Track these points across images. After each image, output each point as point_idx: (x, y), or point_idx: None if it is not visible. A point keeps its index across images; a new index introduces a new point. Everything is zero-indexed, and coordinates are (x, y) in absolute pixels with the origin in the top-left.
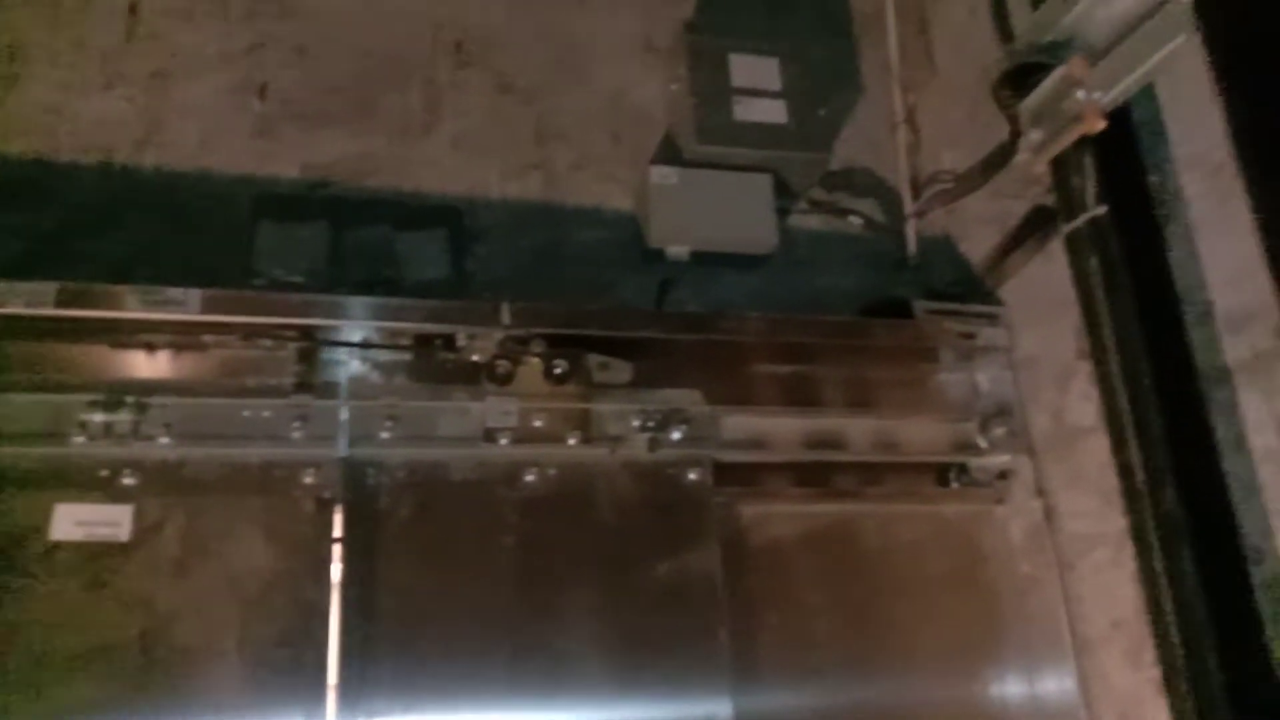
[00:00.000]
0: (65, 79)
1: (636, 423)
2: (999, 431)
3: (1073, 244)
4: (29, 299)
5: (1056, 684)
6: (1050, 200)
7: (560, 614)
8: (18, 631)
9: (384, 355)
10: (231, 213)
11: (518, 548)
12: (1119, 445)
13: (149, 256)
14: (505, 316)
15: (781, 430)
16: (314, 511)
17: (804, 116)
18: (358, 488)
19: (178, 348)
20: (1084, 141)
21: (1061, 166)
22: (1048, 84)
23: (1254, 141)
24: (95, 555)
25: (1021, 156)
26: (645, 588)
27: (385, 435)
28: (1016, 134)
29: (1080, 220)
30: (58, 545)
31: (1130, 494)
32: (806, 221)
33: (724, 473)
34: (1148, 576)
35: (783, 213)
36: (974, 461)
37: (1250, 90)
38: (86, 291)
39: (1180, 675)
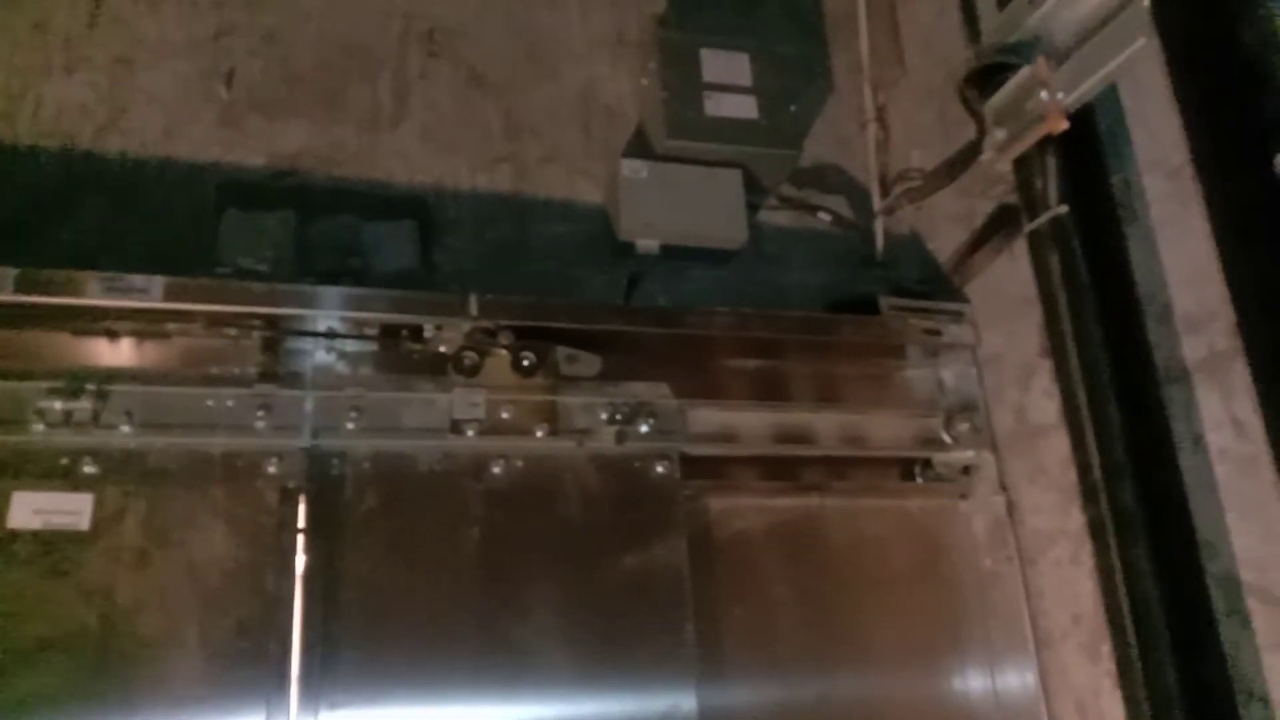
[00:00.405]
0: (26, 63)
1: (604, 415)
2: (963, 427)
3: (1034, 242)
4: None
5: (1017, 677)
6: (1015, 199)
7: (526, 606)
8: None
9: (350, 345)
10: (196, 201)
11: (484, 540)
12: (1078, 442)
13: (111, 244)
14: (473, 308)
15: (749, 424)
16: (277, 502)
17: (775, 113)
18: (322, 478)
19: (140, 335)
20: (1047, 141)
21: (1024, 166)
22: (1012, 84)
23: (1209, 145)
24: (54, 544)
25: (986, 155)
26: (612, 581)
27: (350, 426)
28: (982, 133)
29: (1042, 219)
30: (15, 534)
31: (1088, 490)
32: (776, 218)
33: (691, 466)
34: (1104, 572)
35: (752, 208)
36: (939, 457)
37: (1205, 94)
38: (47, 277)
39: (1135, 669)
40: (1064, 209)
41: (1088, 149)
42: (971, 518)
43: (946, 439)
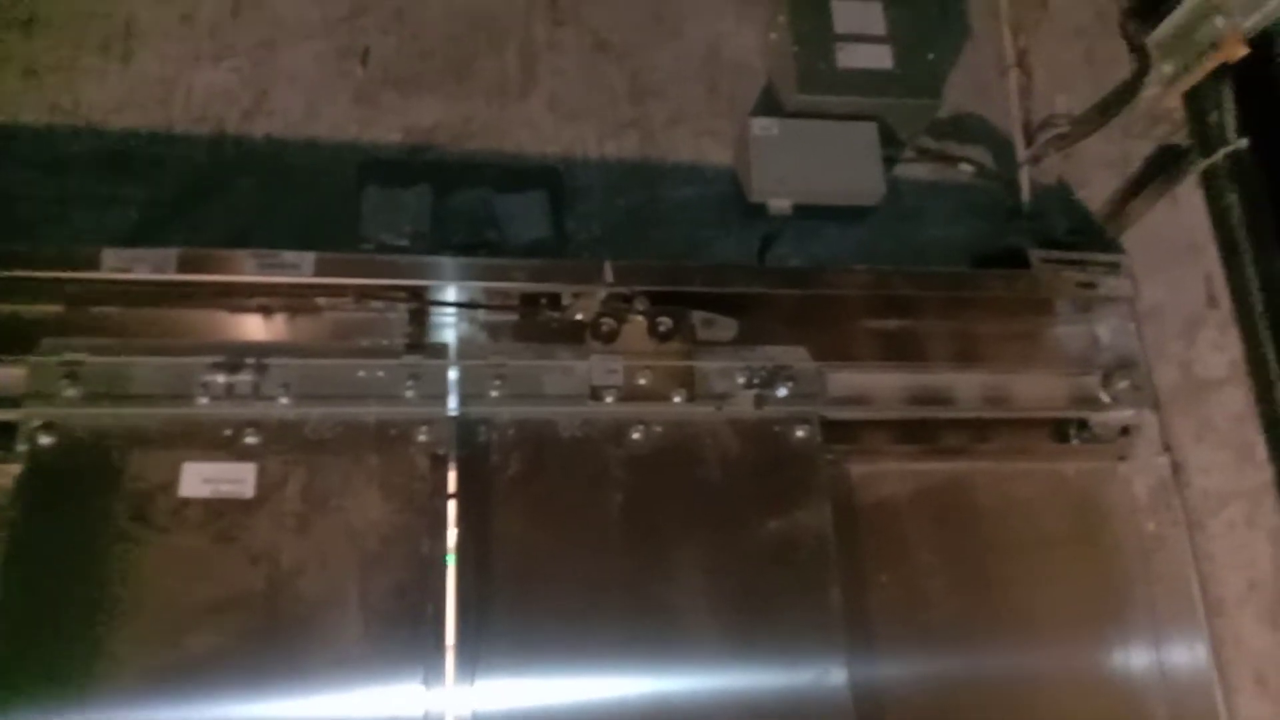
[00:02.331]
0: (177, 52)
1: (742, 379)
2: (1122, 385)
3: (1210, 181)
4: (153, 265)
5: (1186, 647)
6: (1178, 138)
7: (671, 573)
8: (152, 584)
9: (491, 315)
10: (338, 179)
11: (626, 505)
12: (1263, 393)
13: (260, 224)
14: (608, 275)
15: (891, 386)
16: (429, 468)
17: (911, 61)
18: (470, 445)
19: (293, 310)
20: (1222, 71)
21: (1197, 99)
22: (1182, 10)
23: None
24: (222, 511)
25: (1150, 91)
26: (756, 547)
27: (494, 394)
28: (1145, 69)
29: (1218, 155)
30: (187, 502)
31: (1275, 443)
32: (913, 171)
33: (831, 430)
34: None
35: (889, 162)
36: (1095, 417)
37: None
38: (206, 256)
39: None
40: (1244, 143)
41: (1267, 77)
42: (1132, 480)
43: (1104, 398)
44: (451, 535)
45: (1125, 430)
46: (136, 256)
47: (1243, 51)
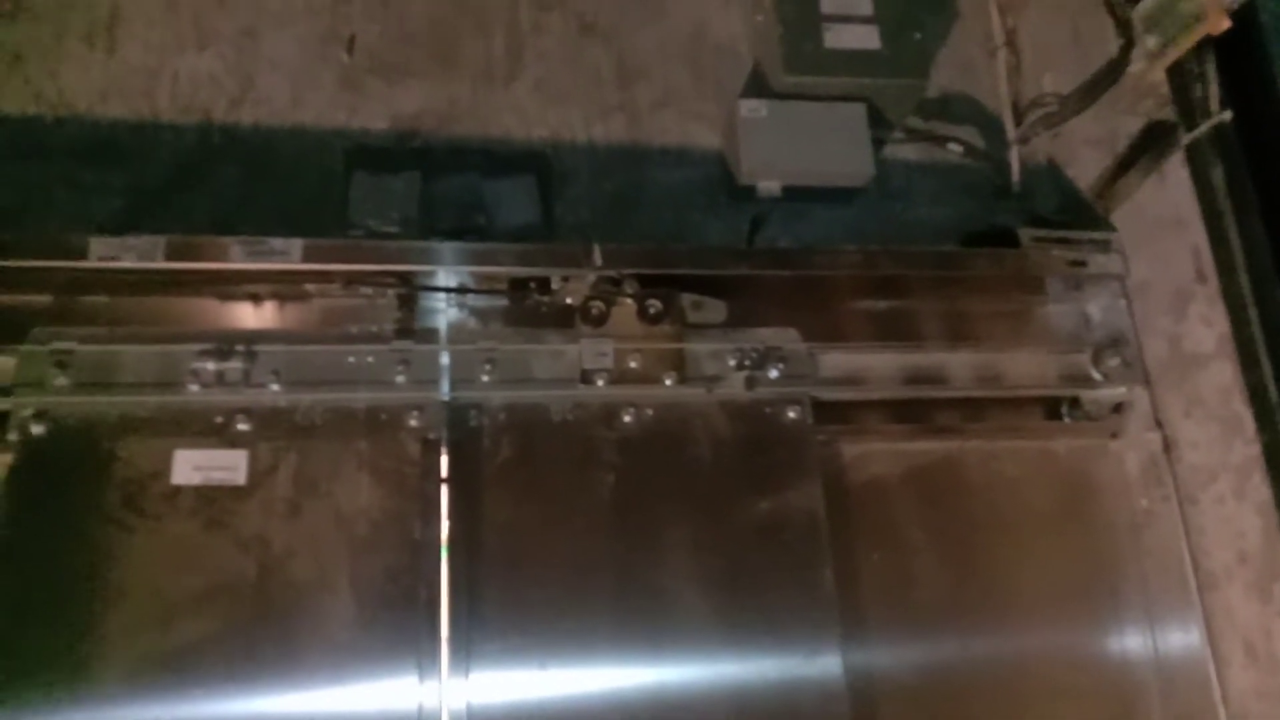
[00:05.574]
0: (161, 40)
1: (733, 361)
2: (1113, 363)
3: (1194, 154)
4: (140, 253)
5: (1178, 620)
6: (1164, 114)
7: (664, 557)
8: (144, 571)
9: (480, 300)
10: (325, 166)
11: (618, 489)
12: (1249, 365)
13: (248, 212)
14: (597, 258)
15: (882, 366)
16: (420, 453)
17: (898, 42)
18: (461, 429)
19: (281, 297)
20: (1205, 44)
21: (1181, 73)
22: None
23: None
24: (213, 499)
25: (1136, 66)
26: (748, 529)
27: (485, 378)
28: (1130, 44)
29: (1203, 128)
30: (178, 489)
31: (1262, 415)
32: (902, 152)
33: (823, 411)
34: None
35: (878, 143)
36: (1087, 394)
37: None
38: (193, 244)
39: None
40: (1227, 115)
41: (1251, 50)
42: (1124, 457)
43: (1095, 375)
44: (444, 521)
45: (1117, 407)
46: (124, 245)
47: (1225, 24)
